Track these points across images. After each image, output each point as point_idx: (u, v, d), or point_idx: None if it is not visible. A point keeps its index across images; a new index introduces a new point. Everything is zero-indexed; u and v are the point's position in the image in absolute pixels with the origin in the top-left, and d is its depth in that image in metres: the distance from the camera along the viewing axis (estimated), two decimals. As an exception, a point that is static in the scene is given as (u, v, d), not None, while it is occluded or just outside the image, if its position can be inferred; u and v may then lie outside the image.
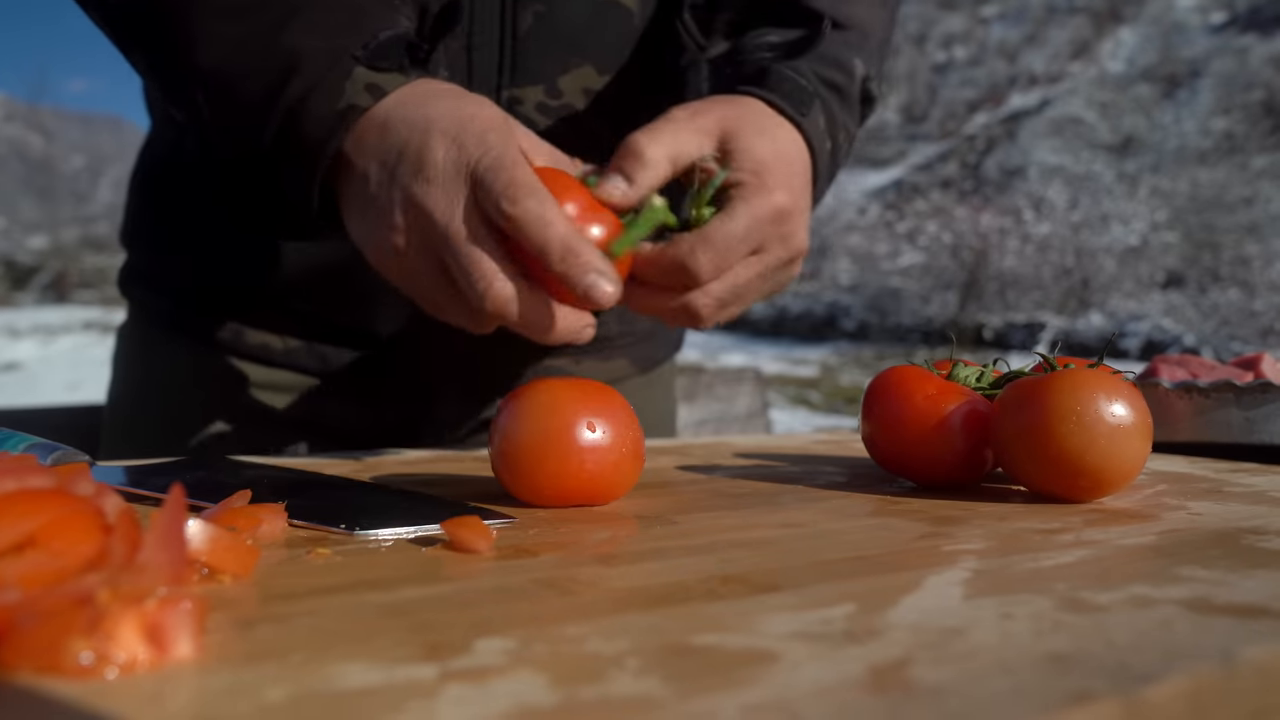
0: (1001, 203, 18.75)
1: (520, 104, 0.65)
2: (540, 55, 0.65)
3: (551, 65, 0.66)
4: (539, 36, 0.65)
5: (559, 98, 0.66)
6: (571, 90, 0.67)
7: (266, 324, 0.72)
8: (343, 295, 0.70)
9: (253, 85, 0.51)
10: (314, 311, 0.71)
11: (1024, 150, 25.44)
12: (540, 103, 0.66)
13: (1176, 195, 19.10)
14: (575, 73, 0.66)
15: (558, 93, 0.66)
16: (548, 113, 0.67)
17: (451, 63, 0.63)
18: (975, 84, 30.05)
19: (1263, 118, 22.81)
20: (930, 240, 17.18)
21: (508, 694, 0.20)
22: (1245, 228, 17.22)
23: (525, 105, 0.66)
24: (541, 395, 0.44)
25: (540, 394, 0.44)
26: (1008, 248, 16.01)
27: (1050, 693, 0.21)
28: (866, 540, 0.37)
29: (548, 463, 0.43)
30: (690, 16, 0.66)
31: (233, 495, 0.37)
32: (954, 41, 31.95)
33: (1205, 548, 0.37)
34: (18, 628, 0.21)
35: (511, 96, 0.65)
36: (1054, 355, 0.51)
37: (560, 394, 0.44)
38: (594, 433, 0.43)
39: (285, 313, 0.72)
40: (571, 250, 0.45)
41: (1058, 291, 15.29)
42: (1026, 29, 30.72)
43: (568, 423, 0.43)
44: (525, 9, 0.63)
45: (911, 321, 14.74)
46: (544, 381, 0.45)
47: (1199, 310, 13.63)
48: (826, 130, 0.60)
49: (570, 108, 0.67)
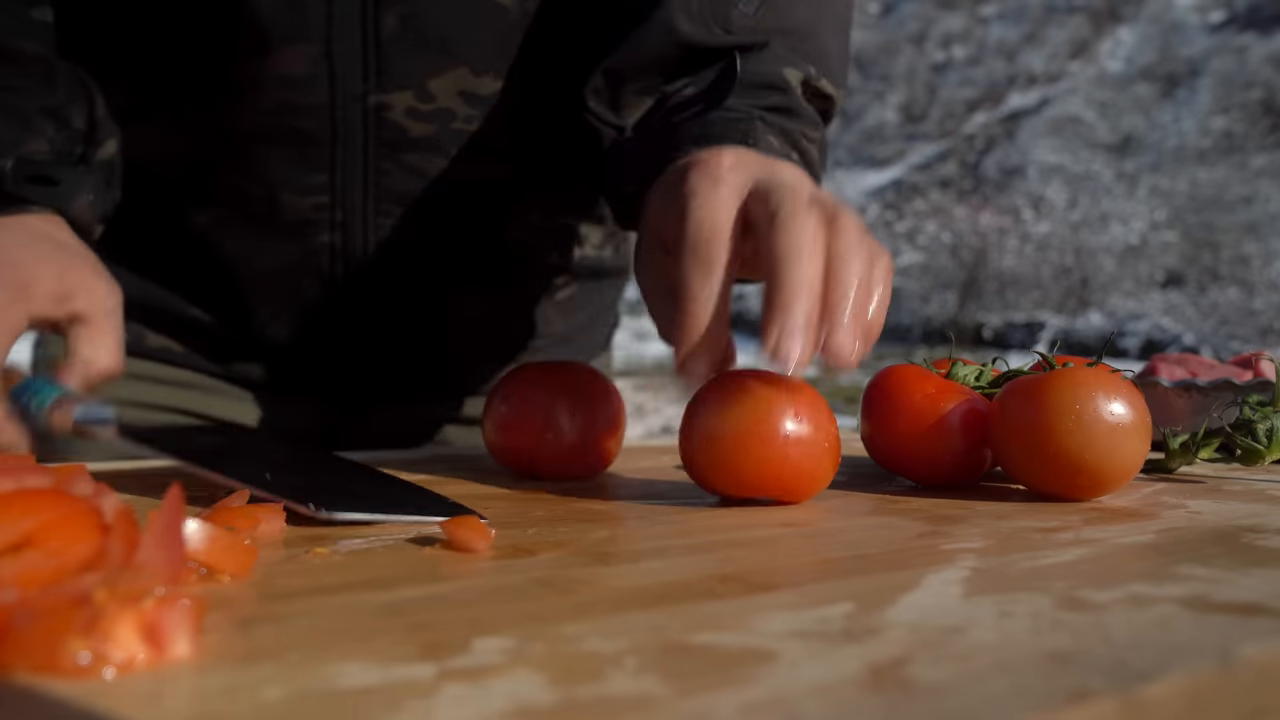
0: (1000, 202, 18.75)
1: (389, 110, 0.63)
2: (407, 58, 0.62)
3: (420, 68, 0.63)
4: (404, 39, 0.61)
5: (431, 101, 0.64)
6: (445, 94, 0.64)
7: (167, 329, 0.72)
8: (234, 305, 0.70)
9: None
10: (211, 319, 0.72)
11: (1023, 150, 25.44)
12: (410, 108, 0.63)
13: (1176, 194, 19.11)
14: (448, 75, 0.63)
15: (429, 96, 0.64)
16: (420, 117, 0.64)
17: (312, 69, 0.61)
18: (974, 83, 30.05)
19: (1262, 117, 22.81)
20: (929, 240, 17.18)
21: (506, 693, 0.20)
22: (1244, 227, 17.22)
23: (394, 111, 0.63)
24: (743, 384, 0.43)
25: (742, 383, 0.44)
26: (1007, 247, 16.01)
27: (1049, 691, 0.21)
28: (865, 539, 0.37)
29: (749, 452, 0.42)
30: (595, 102, 0.61)
31: (230, 496, 0.37)
32: (953, 41, 31.95)
33: (1204, 546, 0.37)
34: (15, 627, 0.21)
35: (379, 103, 0.63)
36: (1053, 354, 0.51)
37: (763, 383, 0.43)
38: (798, 424, 0.42)
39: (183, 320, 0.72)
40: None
41: (1057, 291, 15.29)
42: (1025, 28, 30.73)
43: (772, 412, 0.42)
44: (388, 11, 0.60)
45: (911, 321, 14.73)
46: (742, 372, 0.44)
47: (1198, 309, 13.63)
48: (784, 146, 0.56)
49: (447, 112, 0.64)
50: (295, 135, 0.64)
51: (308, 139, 0.64)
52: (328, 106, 0.63)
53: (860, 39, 34.14)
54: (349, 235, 0.67)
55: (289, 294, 0.69)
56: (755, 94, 0.57)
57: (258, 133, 0.64)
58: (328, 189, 0.65)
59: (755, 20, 0.59)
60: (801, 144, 0.58)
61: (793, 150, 0.56)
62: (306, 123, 0.63)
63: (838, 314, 0.42)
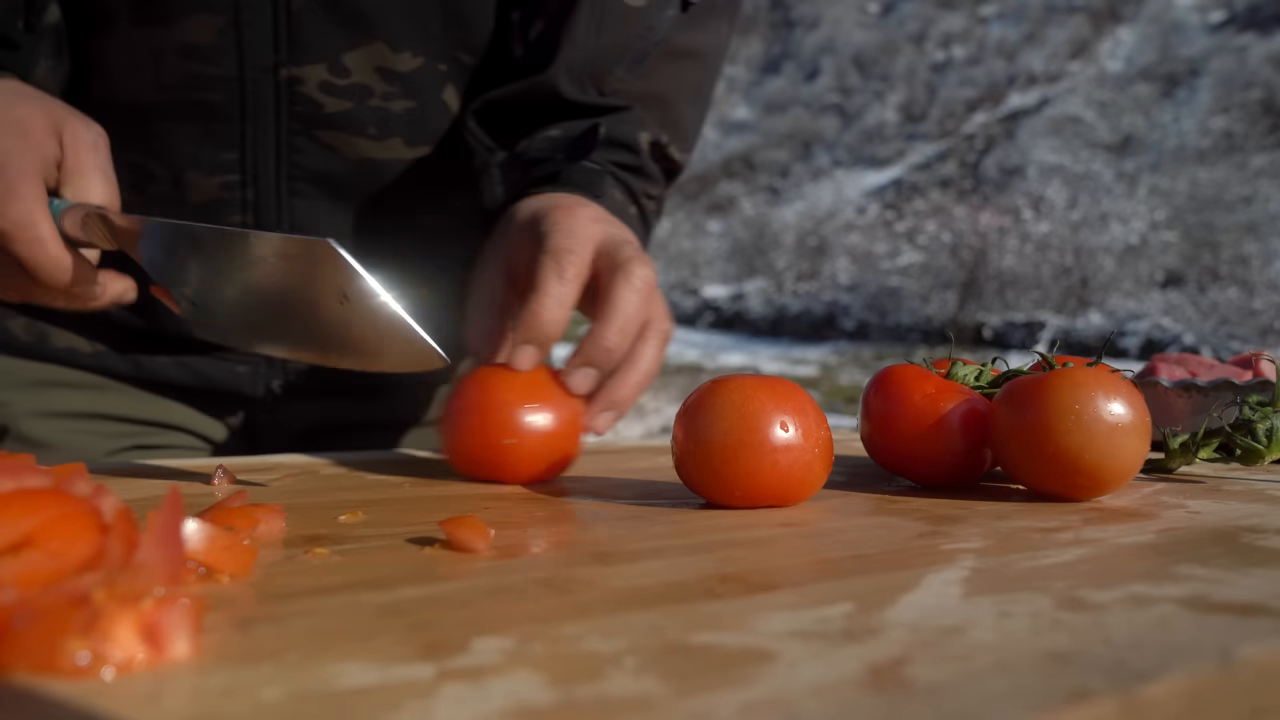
0: (1000, 202, 18.76)
1: (301, 84, 0.62)
2: (319, 30, 0.61)
3: (333, 43, 0.62)
4: (316, 11, 0.61)
5: (346, 76, 0.63)
6: (360, 68, 0.63)
7: (72, 326, 0.70)
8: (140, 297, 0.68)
9: None
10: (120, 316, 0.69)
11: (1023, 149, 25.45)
12: (324, 82, 0.62)
13: (1175, 194, 19.11)
14: (364, 50, 0.62)
15: (344, 71, 0.63)
16: (334, 92, 0.63)
17: (219, 39, 0.60)
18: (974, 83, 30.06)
19: (1261, 116, 22.82)
20: (929, 239, 17.18)
21: (505, 693, 0.20)
22: (1244, 227, 17.23)
23: (307, 85, 0.62)
24: (732, 393, 0.44)
25: (731, 391, 0.44)
26: (1007, 247, 16.01)
27: (1048, 691, 0.21)
28: (865, 539, 0.37)
29: (739, 461, 0.43)
30: (474, 123, 0.65)
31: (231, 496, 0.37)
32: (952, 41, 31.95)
33: (1203, 546, 0.37)
34: (14, 628, 0.21)
35: (291, 76, 0.62)
36: (1053, 354, 0.51)
37: (752, 392, 0.44)
38: (786, 432, 0.43)
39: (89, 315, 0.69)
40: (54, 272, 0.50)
41: (1057, 290, 15.29)
42: (1025, 28, 30.73)
43: (761, 421, 0.43)
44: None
45: (910, 321, 14.74)
46: (733, 379, 0.45)
47: (1198, 309, 13.63)
48: (625, 199, 0.64)
49: (364, 88, 0.63)
50: (202, 110, 0.62)
51: (215, 114, 0.62)
52: (236, 79, 0.61)
53: (860, 39, 34.15)
54: (261, 216, 0.65)
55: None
56: (610, 150, 0.64)
57: (161, 107, 0.62)
58: (238, 167, 0.64)
59: (625, 85, 0.66)
60: (641, 200, 0.66)
61: (632, 204, 0.65)
62: (213, 96, 0.61)
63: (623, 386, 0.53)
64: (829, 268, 17.92)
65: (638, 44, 0.65)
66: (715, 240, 22.28)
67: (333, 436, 0.75)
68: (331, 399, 0.75)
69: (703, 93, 0.73)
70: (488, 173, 0.64)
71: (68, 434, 0.70)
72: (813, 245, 19.27)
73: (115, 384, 0.71)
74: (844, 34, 34.57)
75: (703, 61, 0.71)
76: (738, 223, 21.41)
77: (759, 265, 19.60)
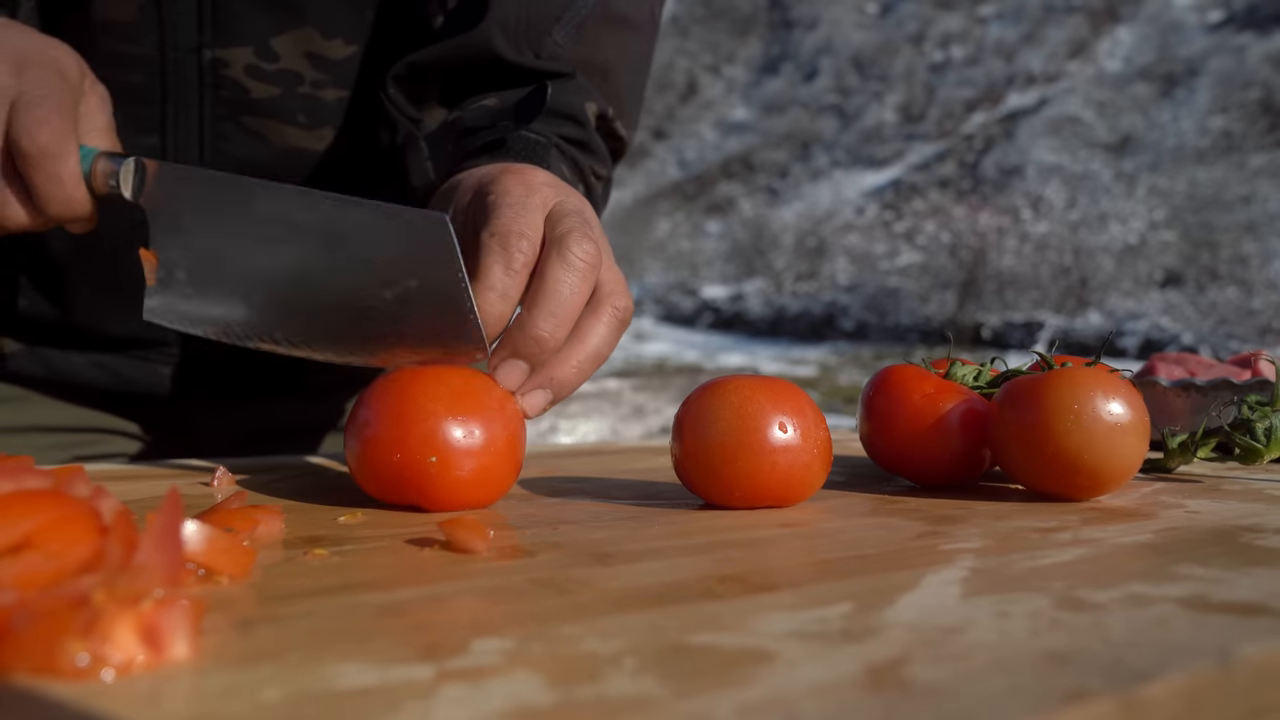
0: (999, 202, 18.77)
1: (226, 66, 0.60)
2: (246, 13, 0.59)
3: (260, 25, 0.60)
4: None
5: (274, 61, 0.61)
6: (290, 53, 0.61)
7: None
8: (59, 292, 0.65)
9: None
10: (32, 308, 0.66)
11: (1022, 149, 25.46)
12: (251, 65, 0.60)
13: (1174, 194, 19.12)
14: (293, 34, 0.60)
15: (272, 55, 0.61)
16: (262, 77, 0.61)
17: (139, 16, 0.58)
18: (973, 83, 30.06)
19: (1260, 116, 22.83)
20: (928, 240, 17.19)
21: (504, 694, 0.20)
22: (1243, 226, 17.24)
23: (233, 68, 0.60)
24: (731, 394, 0.44)
25: (729, 393, 0.44)
26: (1006, 247, 16.02)
27: (1047, 691, 0.21)
28: (864, 539, 0.37)
29: (738, 463, 0.43)
30: (396, 89, 0.60)
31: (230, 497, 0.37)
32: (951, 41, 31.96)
33: (1202, 546, 0.37)
34: (14, 629, 0.21)
35: (215, 59, 0.60)
36: (1052, 354, 0.51)
37: (751, 393, 0.43)
38: (785, 433, 0.43)
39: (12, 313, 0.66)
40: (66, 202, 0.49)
41: (1056, 290, 15.30)
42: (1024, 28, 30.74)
43: (759, 422, 0.43)
44: None
45: (910, 321, 14.74)
46: (732, 380, 0.45)
47: (1197, 309, 13.63)
48: (574, 177, 0.58)
49: (293, 74, 0.61)
50: (122, 90, 0.59)
51: (136, 95, 0.60)
52: (158, 59, 0.59)
53: (858, 39, 34.15)
54: None
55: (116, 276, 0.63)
56: (555, 122, 0.58)
57: None
58: (159, 152, 0.62)
59: (564, 50, 0.61)
60: (589, 179, 0.60)
61: (580, 183, 0.59)
62: (133, 76, 0.60)
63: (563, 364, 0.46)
64: (828, 268, 17.94)
65: (575, 2, 0.61)
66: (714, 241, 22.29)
67: (279, 440, 0.73)
68: (265, 401, 0.73)
69: (642, 66, 0.68)
70: (413, 146, 0.57)
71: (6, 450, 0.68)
72: (811, 246, 19.29)
73: (35, 394, 0.69)
74: (842, 34, 34.58)
75: (640, 32, 0.67)
76: (736, 223, 21.42)
77: (758, 266, 19.62)
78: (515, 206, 0.46)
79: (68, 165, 0.49)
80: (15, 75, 0.49)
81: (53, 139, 0.48)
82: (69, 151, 0.49)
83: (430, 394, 0.41)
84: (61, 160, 0.49)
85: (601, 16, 0.63)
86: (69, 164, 0.49)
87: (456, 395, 0.42)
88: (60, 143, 0.48)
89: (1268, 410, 0.55)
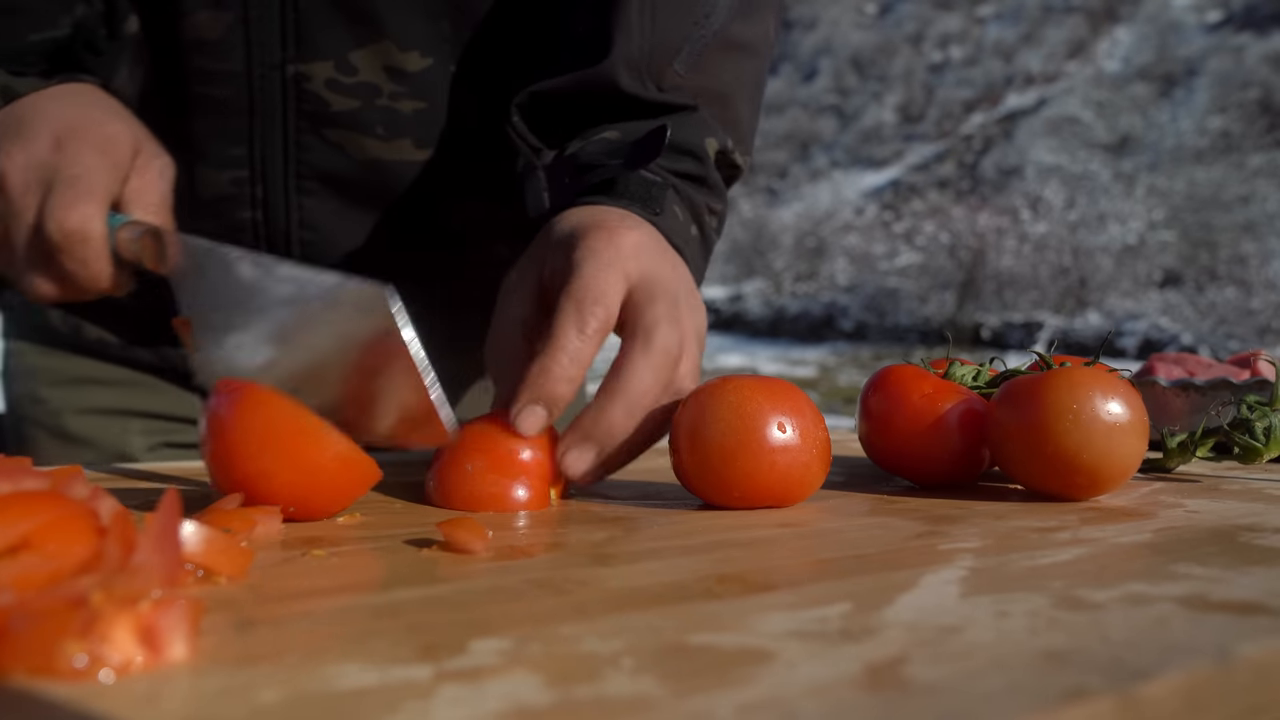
0: (998, 202, 18.79)
1: (308, 80, 0.62)
2: (326, 29, 0.61)
3: (340, 39, 0.61)
4: (323, 8, 0.61)
5: (354, 75, 0.62)
6: (369, 67, 0.62)
7: (103, 320, 0.71)
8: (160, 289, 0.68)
9: None
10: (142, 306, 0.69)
11: (1021, 150, 25.48)
12: (331, 79, 0.62)
13: (1173, 194, 19.14)
14: (371, 48, 0.62)
15: (351, 69, 0.62)
16: (342, 90, 0.63)
17: (227, 35, 0.61)
18: (972, 84, 30.08)
19: (1259, 116, 22.86)
20: (927, 240, 17.20)
21: (503, 694, 0.20)
22: (1242, 226, 17.25)
23: (314, 82, 0.62)
24: (730, 394, 0.43)
25: (729, 393, 0.44)
26: (1005, 247, 16.03)
27: (1046, 690, 0.21)
28: (863, 539, 0.37)
29: (737, 462, 0.42)
30: (520, 119, 0.59)
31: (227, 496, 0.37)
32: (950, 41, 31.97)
33: (1201, 545, 0.37)
34: (12, 630, 0.21)
35: (298, 73, 0.62)
36: (1051, 354, 0.51)
37: (750, 393, 0.43)
38: (784, 433, 0.43)
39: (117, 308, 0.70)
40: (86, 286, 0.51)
41: (1055, 291, 15.31)
42: (1023, 29, 30.76)
43: (758, 423, 0.42)
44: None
45: (909, 321, 14.74)
46: (731, 380, 0.45)
47: (1196, 309, 13.64)
48: (687, 218, 0.57)
49: (371, 87, 0.63)
50: (212, 105, 0.62)
51: (225, 110, 0.63)
52: (244, 75, 0.62)
53: (858, 39, 34.18)
54: (271, 213, 0.65)
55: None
56: (674, 158, 0.58)
57: (175, 103, 0.63)
58: (246, 163, 0.64)
59: (684, 80, 0.60)
60: (703, 217, 0.59)
61: (694, 224, 0.58)
62: (223, 92, 0.62)
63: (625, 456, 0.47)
64: (827, 268, 17.95)
65: (695, 32, 0.61)
66: (713, 241, 22.22)
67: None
68: None
69: (759, 90, 0.67)
70: (532, 177, 0.58)
71: (106, 431, 0.72)
72: (811, 246, 19.30)
73: (144, 378, 0.73)
74: (841, 35, 34.59)
75: (757, 55, 0.66)
76: (736, 223, 21.41)
77: (757, 266, 19.62)
78: (596, 269, 0.47)
79: (91, 249, 0.50)
80: (55, 151, 0.51)
81: (78, 224, 0.49)
82: (92, 235, 0.50)
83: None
84: (85, 245, 0.50)
85: (721, 44, 0.62)
86: (92, 248, 0.50)
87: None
88: (84, 227, 0.49)
89: (1266, 410, 0.55)
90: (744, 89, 0.64)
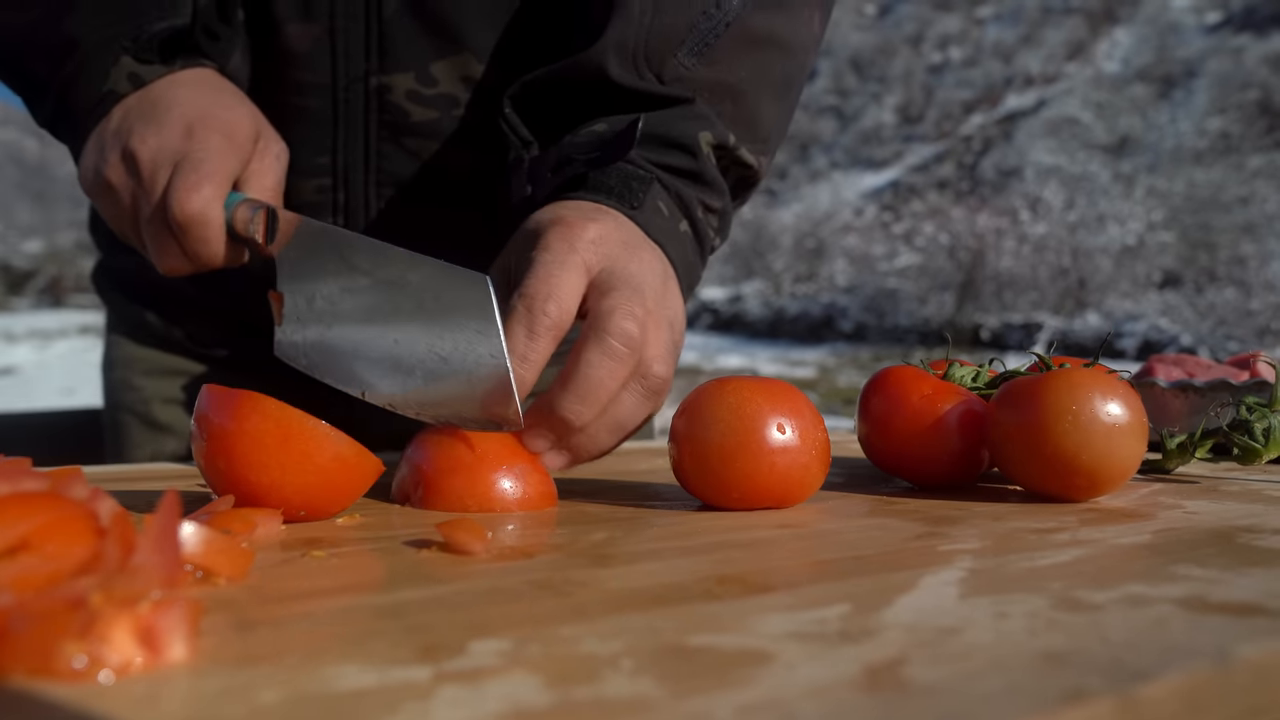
0: (998, 203, 18.80)
1: (390, 91, 0.63)
2: (409, 40, 0.62)
3: (422, 51, 0.63)
4: (406, 20, 0.62)
5: (433, 86, 0.64)
6: (448, 79, 0.64)
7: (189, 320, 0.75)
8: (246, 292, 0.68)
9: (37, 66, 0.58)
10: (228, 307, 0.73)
11: (1020, 151, 25.49)
12: (411, 90, 0.63)
13: (1173, 195, 19.15)
14: (451, 60, 0.63)
15: (431, 80, 0.63)
16: (422, 101, 0.64)
17: (315, 46, 0.62)
18: (971, 85, 30.09)
19: (1258, 117, 22.87)
20: (927, 241, 17.21)
21: (502, 695, 0.20)
22: (1241, 227, 17.26)
23: (395, 93, 0.63)
24: (729, 395, 0.43)
25: (728, 394, 0.44)
26: (1004, 248, 16.04)
27: (1045, 691, 0.21)
28: (862, 540, 0.37)
29: (737, 463, 0.43)
30: (511, 110, 0.58)
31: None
32: (950, 42, 31.99)
33: (1200, 546, 0.37)
34: (11, 631, 0.21)
35: (381, 84, 0.63)
36: (1050, 355, 0.52)
37: (749, 394, 0.43)
38: (783, 434, 0.43)
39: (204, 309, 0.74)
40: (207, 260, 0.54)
41: (1054, 292, 15.32)
42: (1022, 30, 30.77)
43: (757, 424, 0.42)
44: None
45: (908, 322, 14.74)
46: (730, 381, 0.45)
47: (1195, 310, 13.64)
48: (675, 213, 0.55)
49: (450, 98, 0.64)
50: (301, 115, 0.64)
51: (313, 119, 0.64)
52: (330, 86, 0.63)
53: (857, 40, 34.18)
54: (351, 219, 0.67)
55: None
56: (663, 151, 0.56)
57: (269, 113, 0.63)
58: (330, 171, 0.65)
59: (691, 72, 0.58)
60: (695, 212, 0.57)
61: (683, 218, 0.56)
62: (311, 101, 0.64)
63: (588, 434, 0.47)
64: (827, 269, 17.95)
65: (703, 23, 0.58)
66: (713, 242, 22.22)
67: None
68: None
69: (788, 88, 0.64)
70: (517, 169, 0.57)
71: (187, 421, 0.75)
72: (810, 247, 19.30)
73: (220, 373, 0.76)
74: (841, 36, 34.60)
75: (786, 52, 0.62)
76: (735, 224, 21.33)
77: (757, 267, 19.62)
78: (550, 265, 0.46)
79: (210, 228, 0.53)
80: (185, 139, 0.54)
81: (199, 206, 0.52)
82: (212, 217, 0.53)
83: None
84: (205, 225, 0.53)
85: (737, 36, 0.59)
86: (211, 228, 0.53)
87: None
88: (204, 209, 0.52)
89: (1266, 411, 0.55)
90: (765, 84, 0.62)
